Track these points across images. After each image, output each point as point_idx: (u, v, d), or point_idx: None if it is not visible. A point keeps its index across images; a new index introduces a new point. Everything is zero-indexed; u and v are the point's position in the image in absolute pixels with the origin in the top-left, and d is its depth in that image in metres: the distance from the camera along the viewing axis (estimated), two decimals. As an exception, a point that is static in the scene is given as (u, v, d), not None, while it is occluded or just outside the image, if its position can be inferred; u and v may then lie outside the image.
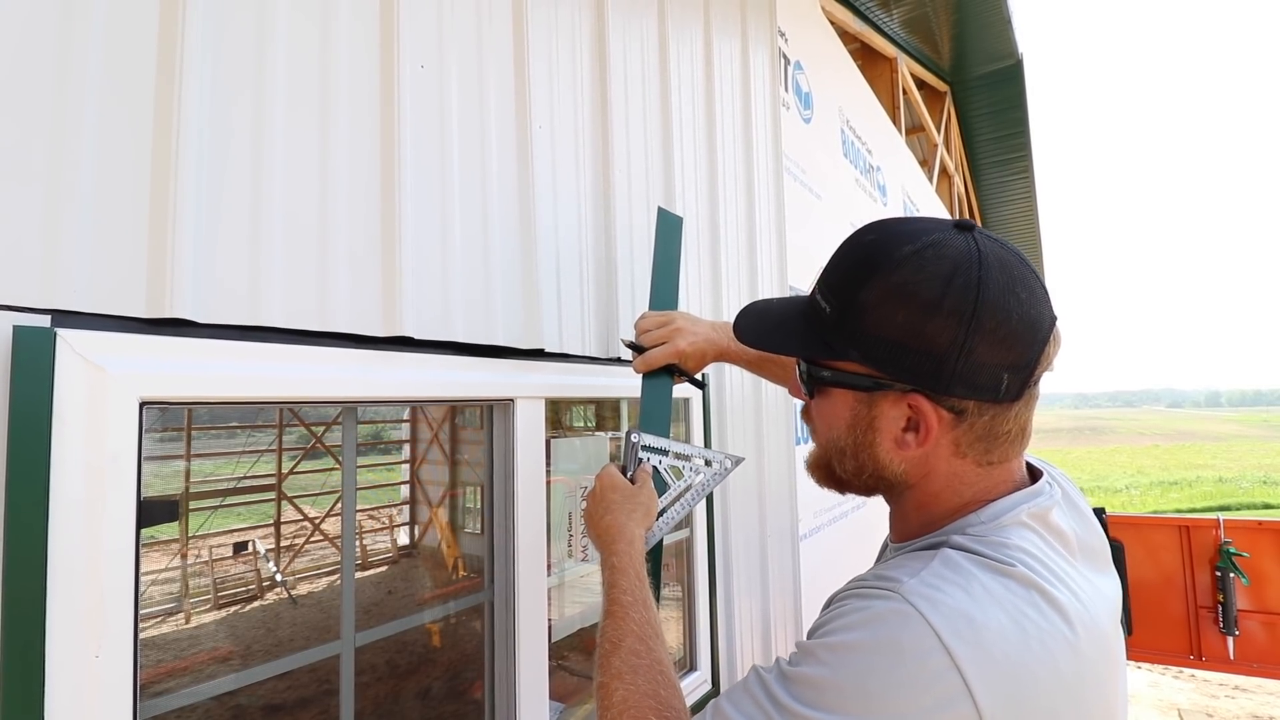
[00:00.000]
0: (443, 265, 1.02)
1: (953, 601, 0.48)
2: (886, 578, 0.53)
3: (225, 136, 0.77)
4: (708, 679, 1.65)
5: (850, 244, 0.61)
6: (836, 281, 0.59)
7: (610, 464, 0.98)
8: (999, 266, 0.53)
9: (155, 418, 0.68)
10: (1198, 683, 5.09)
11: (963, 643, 0.46)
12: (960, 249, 0.54)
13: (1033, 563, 0.52)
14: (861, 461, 0.61)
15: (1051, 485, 0.61)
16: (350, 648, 0.94)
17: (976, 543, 0.54)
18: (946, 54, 5.05)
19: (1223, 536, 4.70)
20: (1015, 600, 0.49)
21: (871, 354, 0.56)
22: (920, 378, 0.54)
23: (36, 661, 0.59)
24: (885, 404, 0.57)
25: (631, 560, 0.80)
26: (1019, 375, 0.54)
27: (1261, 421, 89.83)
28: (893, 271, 0.54)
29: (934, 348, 0.53)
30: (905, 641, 0.47)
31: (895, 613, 0.48)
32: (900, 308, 0.53)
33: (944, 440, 0.57)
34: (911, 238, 0.55)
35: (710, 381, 1.75)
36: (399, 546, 5.22)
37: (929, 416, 0.55)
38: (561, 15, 1.33)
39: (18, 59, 0.62)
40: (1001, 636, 0.47)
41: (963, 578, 0.50)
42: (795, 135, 2.45)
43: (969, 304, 0.52)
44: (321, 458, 5.43)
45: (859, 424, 0.59)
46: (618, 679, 0.65)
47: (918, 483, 0.60)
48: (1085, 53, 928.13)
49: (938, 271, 0.53)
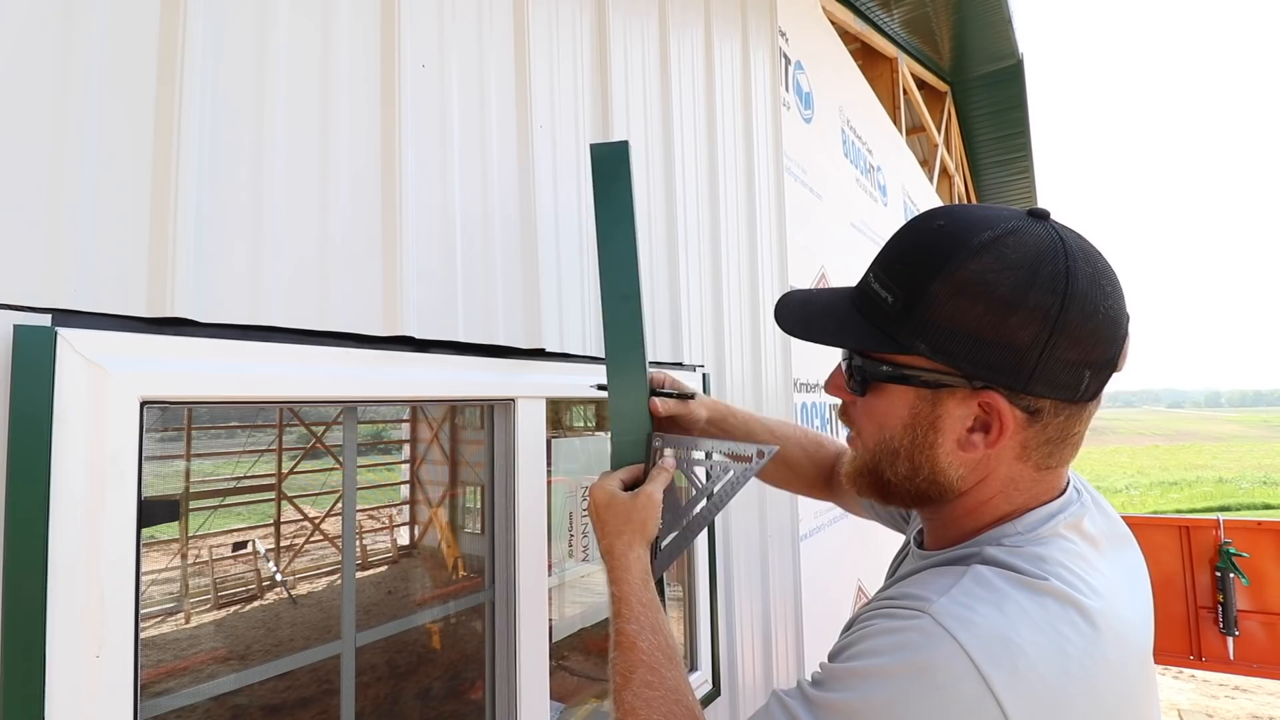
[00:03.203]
0: (443, 264, 1.01)
1: (987, 623, 0.45)
2: (915, 596, 0.50)
3: (226, 135, 0.77)
4: (708, 679, 1.65)
5: (916, 230, 0.56)
6: (901, 270, 0.54)
7: (603, 477, 0.87)
8: (1084, 257, 0.50)
9: (155, 417, 0.68)
10: (1198, 683, 5.09)
11: (998, 668, 0.43)
12: (1042, 238, 0.50)
13: (1070, 576, 0.49)
14: (917, 464, 0.56)
15: (1079, 492, 0.58)
16: (350, 648, 0.94)
17: (1012, 555, 0.51)
18: (947, 54, 5.04)
19: (1223, 537, 4.70)
20: (1053, 620, 0.46)
21: (942, 348, 0.51)
22: (997, 374, 0.50)
23: (36, 661, 0.58)
24: (952, 402, 0.53)
25: (632, 586, 0.74)
26: (1100, 374, 0.51)
27: (1261, 422, 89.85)
28: (970, 260, 0.50)
29: (1016, 342, 0.49)
30: (937, 666, 0.44)
31: (926, 635, 0.46)
32: (979, 299, 0.49)
33: (1012, 442, 0.53)
34: (989, 224, 0.52)
35: (710, 380, 1.74)
36: (399, 546, 5.21)
37: (1004, 415, 0.52)
38: (562, 15, 1.33)
39: (18, 59, 0.62)
40: (1040, 660, 0.44)
41: (997, 596, 0.47)
42: (796, 135, 2.45)
43: (1057, 297, 0.48)
44: (321, 458, 5.42)
45: (920, 423, 0.55)
46: (632, 715, 0.63)
47: (971, 488, 0.56)
48: (1085, 53, 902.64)
49: (1021, 261, 0.49)
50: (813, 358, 2.39)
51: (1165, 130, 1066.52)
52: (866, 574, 2.88)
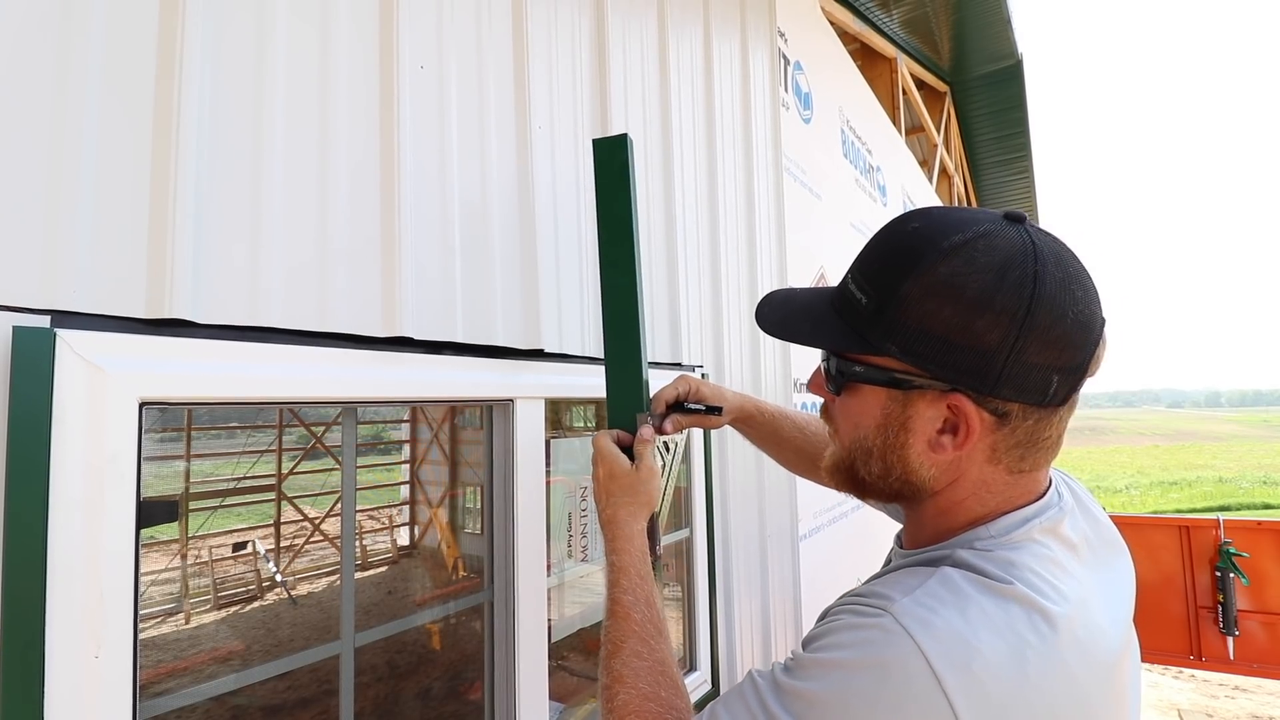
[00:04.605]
0: (442, 265, 1.02)
1: (945, 624, 0.46)
2: (881, 595, 0.51)
3: (225, 136, 0.77)
4: (708, 679, 1.65)
5: (891, 232, 0.57)
6: (875, 271, 0.55)
7: (604, 437, 0.89)
8: (1055, 261, 0.50)
9: (155, 418, 0.68)
10: (1198, 683, 5.09)
11: (952, 668, 0.44)
12: (1014, 241, 0.50)
13: (1038, 581, 0.50)
14: (889, 464, 0.57)
15: (1061, 495, 0.59)
16: (350, 648, 0.94)
17: (981, 559, 0.52)
18: (946, 54, 5.05)
19: (1223, 537, 4.70)
20: (1014, 624, 0.47)
21: (912, 349, 0.52)
22: (964, 376, 0.51)
23: (36, 661, 0.59)
24: (922, 403, 0.54)
25: (633, 558, 0.78)
26: (1069, 378, 0.51)
27: (1261, 421, 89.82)
28: (940, 262, 0.51)
29: (983, 345, 0.49)
30: (893, 663, 0.46)
31: (886, 632, 0.47)
32: (948, 301, 0.50)
33: (981, 444, 0.54)
34: (960, 227, 0.52)
35: (710, 380, 1.74)
36: (399, 547, 5.22)
37: (971, 418, 0.52)
38: (561, 15, 1.33)
39: (17, 59, 0.62)
40: (996, 663, 0.45)
41: (960, 599, 0.48)
42: (795, 135, 2.45)
43: (1024, 300, 0.48)
44: (321, 458, 5.42)
45: (891, 424, 0.56)
46: (619, 682, 0.65)
47: (943, 489, 0.57)
48: (1085, 53, 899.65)
49: (990, 264, 0.49)
50: (812, 358, 2.39)
51: (1165, 130, 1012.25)
52: (866, 574, 2.88)
